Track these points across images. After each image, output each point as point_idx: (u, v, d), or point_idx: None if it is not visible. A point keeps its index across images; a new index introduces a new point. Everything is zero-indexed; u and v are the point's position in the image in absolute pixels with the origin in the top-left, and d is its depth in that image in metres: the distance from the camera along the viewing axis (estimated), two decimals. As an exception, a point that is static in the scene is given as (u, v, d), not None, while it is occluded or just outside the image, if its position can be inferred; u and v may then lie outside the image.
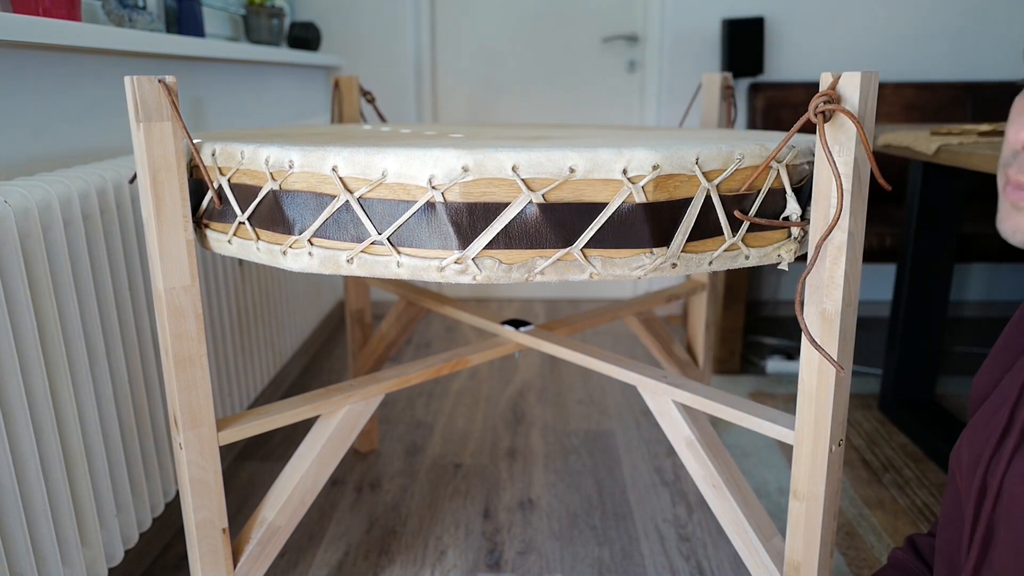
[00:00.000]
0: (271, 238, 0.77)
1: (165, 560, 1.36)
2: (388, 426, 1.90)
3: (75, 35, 1.09)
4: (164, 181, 0.80)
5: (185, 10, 1.59)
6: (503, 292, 3.03)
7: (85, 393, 1.04)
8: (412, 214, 0.70)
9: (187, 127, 1.26)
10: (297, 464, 1.03)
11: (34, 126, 1.12)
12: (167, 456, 1.27)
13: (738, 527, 1.00)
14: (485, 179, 0.69)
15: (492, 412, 1.98)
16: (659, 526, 1.46)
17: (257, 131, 1.10)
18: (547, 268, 0.72)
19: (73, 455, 1.02)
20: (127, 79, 0.76)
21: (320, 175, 0.73)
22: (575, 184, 0.70)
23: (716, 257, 0.76)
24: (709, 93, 1.45)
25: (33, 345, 0.93)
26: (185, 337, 0.85)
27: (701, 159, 0.73)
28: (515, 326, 1.26)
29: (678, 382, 1.05)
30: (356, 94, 1.56)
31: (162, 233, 0.81)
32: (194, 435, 0.88)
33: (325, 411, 1.02)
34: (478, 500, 1.55)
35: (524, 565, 1.34)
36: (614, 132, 1.08)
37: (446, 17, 2.75)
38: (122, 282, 1.13)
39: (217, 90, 1.78)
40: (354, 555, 1.38)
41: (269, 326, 1.81)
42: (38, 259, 0.94)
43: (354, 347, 1.68)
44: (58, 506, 0.99)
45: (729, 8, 2.60)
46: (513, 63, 2.79)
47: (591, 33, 2.75)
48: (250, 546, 0.98)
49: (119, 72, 1.35)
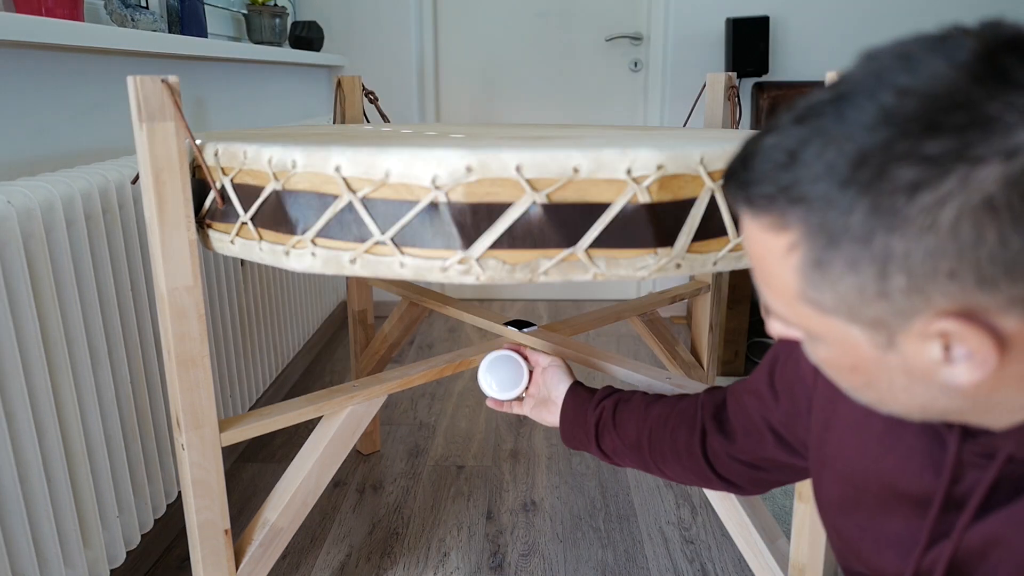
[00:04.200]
0: (274, 238, 0.77)
1: (167, 561, 1.36)
2: (390, 427, 1.90)
3: (78, 35, 1.09)
4: (167, 181, 0.80)
5: (187, 10, 1.59)
6: (506, 293, 3.03)
7: (87, 394, 1.04)
8: (415, 214, 0.70)
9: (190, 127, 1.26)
10: (299, 465, 1.02)
11: (36, 126, 1.12)
12: (169, 457, 1.27)
13: (742, 529, 0.99)
14: (489, 179, 0.69)
15: (494, 414, 1.97)
16: (663, 528, 1.45)
17: (260, 131, 1.09)
18: (551, 268, 0.71)
19: (75, 456, 1.02)
20: (130, 79, 0.76)
21: (323, 175, 0.72)
22: (579, 184, 0.70)
23: (721, 257, 0.76)
24: (713, 93, 1.45)
25: (36, 345, 0.93)
26: (187, 338, 0.85)
27: (706, 159, 0.73)
28: (518, 327, 1.26)
29: (682, 383, 1.04)
30: (359, 94, 1.55)
31: (165, 233, 0.81)
32: (196, 436, 0.88)
33: (327, 412, 1.02)
34: (481, 502, 1.55)
35: (527, 567, 1.34)
36: (618, 132, 1.08)
37: (449, 17, 2.75)
38: (124, 283, 1.13)
39: (220, 90, 1.77)
40: (356, 557, 1.37)
41: (271, 327, 1.81)
42: (41, 259, 0.94)
43: (356, 348, 1.68)
44: (60, 507, 0.99)
45: (734, 7, 2.60)
46: (516, 63, 2.78)
47: (595, 33, 2.74)
48: (252, 547, 0.97)
49: (122, 72, 1.35)
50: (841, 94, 0.40)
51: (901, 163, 0.36)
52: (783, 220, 0.41)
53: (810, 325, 0.44)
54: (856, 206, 0.38)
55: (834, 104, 0.40)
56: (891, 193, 0.37)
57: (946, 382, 0.41)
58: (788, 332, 0.49)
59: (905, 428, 0.56)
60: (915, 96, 0.37)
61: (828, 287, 0.41)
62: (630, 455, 0.88)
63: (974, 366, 0.39)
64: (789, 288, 0.43)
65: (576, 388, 0.94)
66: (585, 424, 0.91)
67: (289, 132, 1.06)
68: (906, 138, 0.36)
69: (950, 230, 0.36)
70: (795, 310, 0.44)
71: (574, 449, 1.02)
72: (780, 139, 0.41)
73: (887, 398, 0.45)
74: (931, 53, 0.38)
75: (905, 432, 0.56)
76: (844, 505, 0.61)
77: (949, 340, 0.39)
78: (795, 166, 0.40)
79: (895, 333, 0.40)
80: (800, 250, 0.41)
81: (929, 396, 0.43)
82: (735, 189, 0.44)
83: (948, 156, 0.36)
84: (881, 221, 0.37)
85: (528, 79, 2.80)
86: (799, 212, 0.40)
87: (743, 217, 0.44)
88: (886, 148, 0.37)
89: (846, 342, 0.43)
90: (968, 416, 0.45)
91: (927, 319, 0.39)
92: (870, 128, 0.38)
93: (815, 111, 0.40)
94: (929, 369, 0.41)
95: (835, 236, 0.39)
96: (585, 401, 0.92)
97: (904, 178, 0.36)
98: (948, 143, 0.36)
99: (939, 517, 0.53)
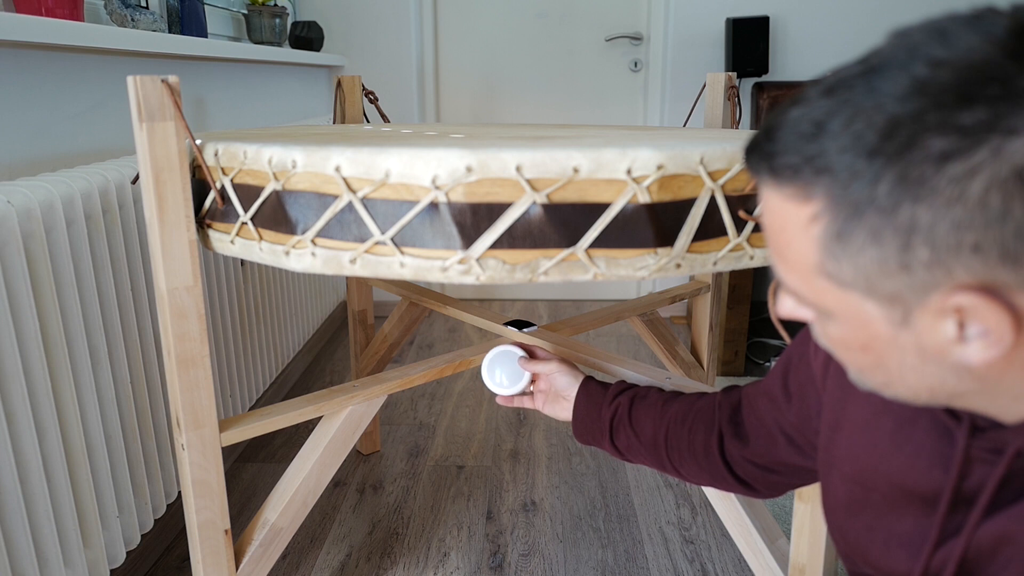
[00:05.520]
0: (274, 238, 0.77)
1: (167, 561, 1.36)
2: (390, 427, 1.90)
3: (78, 35, 1.09)
4: (167, 181, 0.80)
5: (187, 10, 1.59)
6: (506, 293, 3.03)
7: (87, 394, 1.04)
8: (415, 214, 0.70)
9: (189, 127, 1.26)
10: (299, 465, 1.02)
11: (37, 126, 1.12)
12: (169, 457, 1.27)
13: (743, 529, 0.99)
14: (489, 179, 0.69)
15: (495, 413, 1.97)
16: (663, 528, 1.45)
17: (260, 131, 1.09)
18: (551, 268, 0.71)
19: (75, 455, 1.02)
20: (130, 79, 0.76)
21: (323, 175, 0.72)
22: (579, 184, 0.70)
23: (721, 257, 0.76)
24: (713, 93, 1.45)
25: (36, 345, 0.93)
26: (187, 338, 0.85)
27: (706, 159, 0.72)
28: (518, 327, 1.26)
29: (682, 383, 1.04)
30: (359, 94, 1.55)
31: (165, 233, 0.81)
32: (196, 436, 0.88)
33: (327, 412, 1.02)
34: (481, 502, 1.55)
35: (527, 567, 1.34)
36: (618, 132, 1.08)
37: (449, 16, 2.75)
38: (124, 283, 1.13)
39: (219, 90, 1.77)
40: (356, 557, 1.37)
41: (271, 327, 1.81)
42: (41, 259, 0.94)
43: (356, 348, 1.68)
44: (60, 507, 0.99)
45: (734, 7, 2.60)
46: (516, 63, 2.78)
47: (595, 32, 2.74)
48: (252, 547, 0.97)
49: (122, 72, 1.35)
50: (872, 67, 0.40)
51: (932, 133, 0.36)
52: (807, 191, 0.41)
53: (825, 300, 0.44)
54: (883, 176, 0.38)
55: (864, 76, 0.40)
56: (920, 163, 0.37)
57: (958, 361, 0.41)
58: (797, 312, 0.49)
59: (914, 426, 0.56)
60: (949, 67, 0.37)
61: (848, 259, 0.41)
62: (645, 453, 0.88)
63: (989, 344, 0.39)
64: (807, 260, 0.43)
65: (588, 383, 0.94)
66: (599, 420, 0.91)
67: (289, 132, 1.06)
68: (939, 108, 0.36)
69: (978, 202, 0.36)
70: (811, 284, 0.44)
71: (585, 444, 1.02)
72: (807, 111, 0.41)
73: (895, 379, 0.45)
74: (966, 28, 0.38)
75: (914, 430, 0.56)
76: (851, 506, 0.61)
77: (964, 317, 0.39)
78: (822, 137, 0.40)
79: (911, 309, 0.40)
80: (823, 221, 0.41)
81: (939, 377, 0.43)
82: (758, 160, 0.43)
83: (981, 127, 0.35)
84: (908, 191, 0.37)
85: (528, 79, 2.80)
86: (824, 182, 0.40)
87: (764, 189, 0.44)
88: (917, 118, 0.37)
89: (860, 318, 0.43)
90: (975, 400, 0.45)
91: (945, 293, 0.39)
92: (901, 98, 0.37)
93: (844, 83, 0.40)
94: (942, 347, 0.41)
95: (859, 207, 0.39)
96: (599, 397, 0.92)
97: (935, 148, 0.36)
98: (981, 114, 0.36)
99: (948, 514, 0.53)
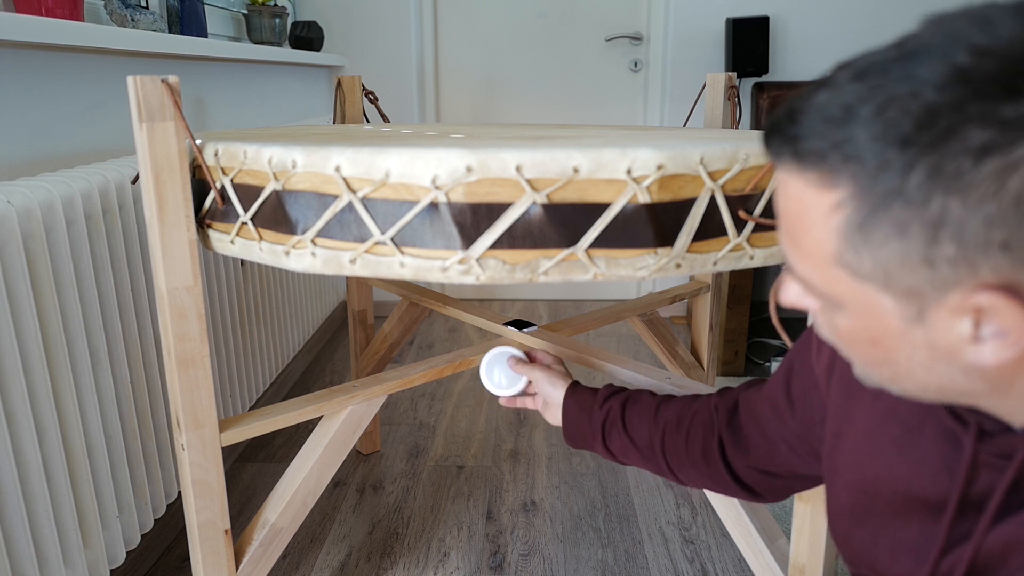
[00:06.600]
0: (274, 238, 0.77)
1: (167, 561, 1.36)
2: (390, 427, 1.90)
3: (77, 35, 1.09)
4: (167, 181, 0.80)
5: (187, 10, 1.59)
6: (506, 293, 3.03)
7: (87, 394, 1.04)
8: (415, 214, 0.70)
9: (189, 127, 1.26)
10: (299, 465, 1.02)
11: (36, 126, 1.12)
12: (169, 457, 1.27)
13: (743, 529, 0.99)
14: (489, 179, 0.69)
15: (495, 413, 1.97)
16: (663, 528, 1.45)
17: (260, 131, 1.09)
18: (551, 268, 0.71)
19: (75, 455, 1.02)
20: (130, 79, 0.76)
21: (323, 175, 0.72)
22: (579, 184, 0.70)
23: (721, 257, 0.76)
24: (713, 93, 1.45)
25: (36, 345, 0.93)
26: (187, 338, 0.85)
27: (706, 159, 0.72)
28: (518, 327, 1.26)
29: (682, 383, 1.04)
30: (359, 94, 1.55)
31: (165, 233, 0.81)
32: (196, 436, 0.88)
33: (327, 412, 1.02)
34: (481, 502, 1.55)
35: (527, 567, 1.34)
36: (618, 132, 1.08)
37: (449, 16, 2.75)
38: (124, 282, 1.13)
39: (219, 90, 1.77)
40: (356, 557, 1.37)
41: (271, 327, 1.81)
42: (41, 259, 0.94)
43: (356, 348, 1.68)
44: (60, 507, 0.99)
45: (734, 7, 2.60)
46: (516, 63, 2.78)
47: (595, 32, 2.74)
48: (252, 547, 0.97)
49: (121, 72, 1.35)
50: (909, 51, 0.38)
51: (973, 125, 0.35)
52: (832, 178, 0.39)
53: (838, 291, 0.42)
54: (915, 167, 0.36)
55: (900, 62, 0.38)
56: (957, 155, 0.35)
57: (971, 360, 0.40)
58: (802, 301, 0.47)
59: (920, 432, 0.55)
60: (994, 57, 0.35)
61: (869, 251, 0.39)
62: (641, 458, 0.87)
63: (1005, 345, 0.38)
64: (824, 249, 0.41)
65: (576, 389, 0.94)
66: (591, 424, 0.90)
67: (289, 132, 1.06)
68: (981, 99, 0.35)
69: (1014, 199, 0.34)
70: (825, 273, 0.42)
71: (576, 448, 1.02)
72: (835, 95, 0.39)
73: (903, 375, 0.44)
74: (1011, 17, 0.36)
75: (921, 436, 0.55)
76: (856, 514, 0.60)
77: (982, 317, 0.38)
78: (851, 122, 0.38)
79: (928, 305, 0.39)
80: (845, 210, 0.39)
81: (948, 376, 0.42)
82: (780, 143, 0.42)
83: (1023, 121, 0.34)
84: (940, 184, 0.35)
85: (528, 79, 2.80)
86: (850, 170, 0.38)
87: (784, 173, 0.43)
88: (957, 108, 0.35)
89: (872, 312, 0.42)
90: (984, 401, 0.44)
91: (966, 292, 0.37)
92: (941, 87, 0.36)
93: (877, 67, 0.38)
94: (955, 346, 0.40)
95: (887, 198, 0.37)
96: (588, 400, 0.92)
97: (974, 140, 0.35)
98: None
99: (955, 520, 0.52)
